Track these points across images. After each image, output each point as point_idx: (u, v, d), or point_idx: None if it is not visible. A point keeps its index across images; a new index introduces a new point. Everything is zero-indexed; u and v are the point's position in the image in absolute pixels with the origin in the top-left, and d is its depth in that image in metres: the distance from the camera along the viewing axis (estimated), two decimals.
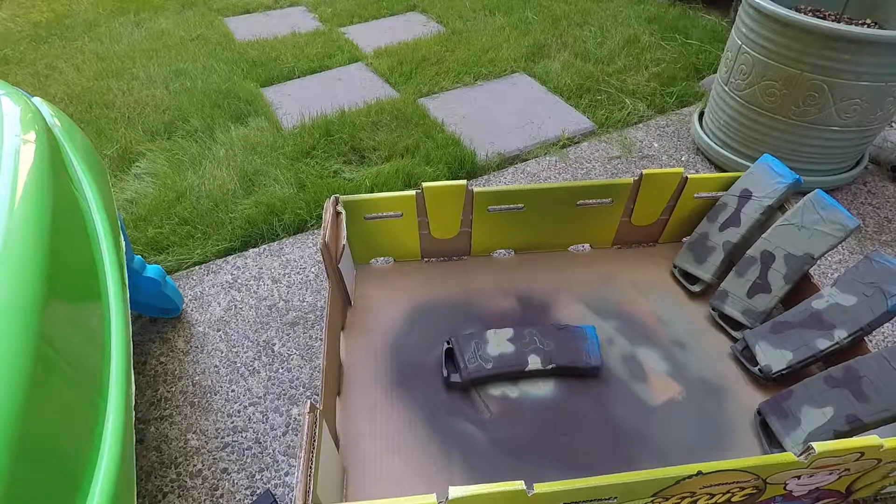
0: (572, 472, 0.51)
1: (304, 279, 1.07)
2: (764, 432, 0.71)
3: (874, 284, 0.70)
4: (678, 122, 1.53)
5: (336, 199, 0.82)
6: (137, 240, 1.16)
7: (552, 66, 1.79)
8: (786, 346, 0.73)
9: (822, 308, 0.73)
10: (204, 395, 0.87)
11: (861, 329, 0.68)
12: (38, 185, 0.55)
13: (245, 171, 1.34)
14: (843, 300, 0.72)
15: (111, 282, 0.61)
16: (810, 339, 0.72)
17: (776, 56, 1.11)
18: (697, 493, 0.55)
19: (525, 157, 1.42)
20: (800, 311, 0.75)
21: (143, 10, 2.38)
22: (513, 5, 2.23)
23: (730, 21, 2.03)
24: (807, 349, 0.72)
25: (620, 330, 0.84)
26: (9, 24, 2.30)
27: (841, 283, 0.74)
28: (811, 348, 0.71)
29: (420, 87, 1.70)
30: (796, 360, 0.72)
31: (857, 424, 0.64)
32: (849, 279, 0.73)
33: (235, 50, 1.98)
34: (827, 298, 0.74)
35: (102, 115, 1.60)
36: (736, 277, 0.84)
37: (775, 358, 0.73)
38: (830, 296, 0.74)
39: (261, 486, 0.76)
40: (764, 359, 0.74)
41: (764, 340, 0.75)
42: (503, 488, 0.48)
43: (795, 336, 0.73)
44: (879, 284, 0.69)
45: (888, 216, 1.20)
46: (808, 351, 0.71)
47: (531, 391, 0.76)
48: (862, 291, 0.71)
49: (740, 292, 0.82)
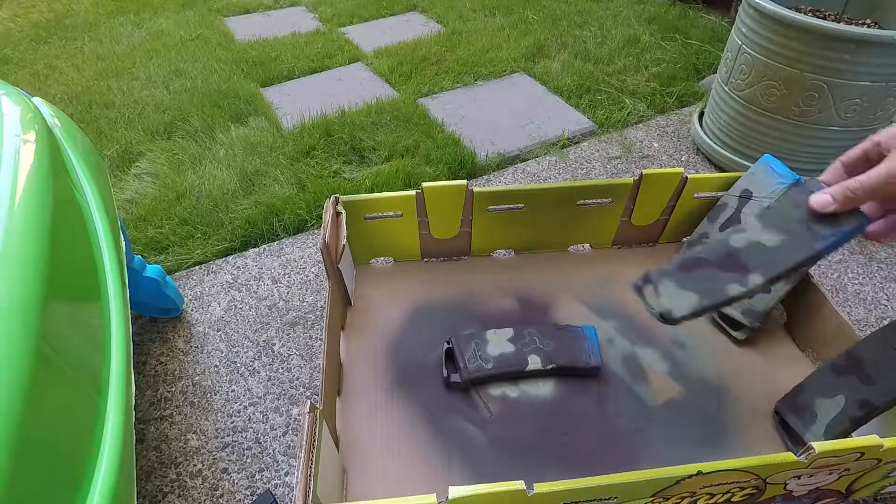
0: (572, 472, 0.51)
1: (304, 279, 1.07)
2: (785, 432, 0.71)
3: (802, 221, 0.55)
4: (678, 122, 1.53)
5: (336, 199, 0.82)
6: (137, 240, 1.16)
7: (552, 66, 1.79)
8: (694, 288, 0.59)
9: (740, 246, 0.59)
10: (204, 395, 0.87)
11: (779, 276, 0.55)
12: (38, 185, 0.55)
13: (245, 171, 1.34)
14: (765, 238, 0.58)
15: (111, 282, 0.61)
16: (722, 283, 0.58)
17: (776, 56, 1.11)
18: (697, 492, 0.55)
19: (525, 157, 1.42)
20: (717, 246, 0.61)
21: (143, 10, 2.38)
22: (513, 5, 2.23)
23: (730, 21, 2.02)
24: (715, 294, 0.58)
25: (620, 330, 0.84)
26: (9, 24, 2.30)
27: (765, 214, 0.60)
28: (721, 293, 0.57)
29: (420, 87, 1.70)
30: (702, 305, 0.58)
31: (869, 408, 0.64)
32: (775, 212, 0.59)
33: (235, 50, 1.98)
34: (748, 234, 0.59)
35: (102, 115, 1.60)
36: None
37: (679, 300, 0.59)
38: (752, 231, 0.59)
39: (261, 486, 0.76)
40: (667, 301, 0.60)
41: (670, 279, 0.61)
42: (503, 488, 0.48)
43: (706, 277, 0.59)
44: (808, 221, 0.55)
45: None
46: (716, 296, 0.58)
47: (531, 391, 0.76)
48: (787, 228, 0.56)
49: None
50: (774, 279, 0.55)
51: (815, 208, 0.50)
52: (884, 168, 0.43)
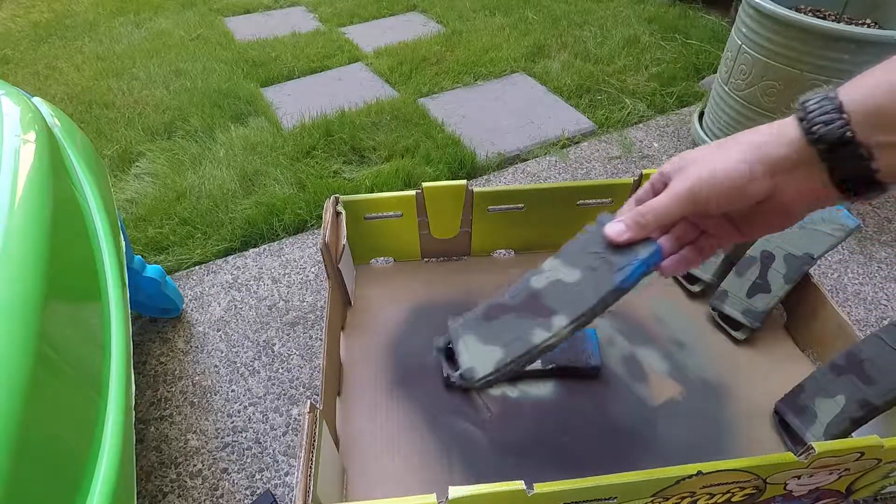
0: (572, 472, 0.51)
1: (304, 279, 1.07)
2: (785, 431, 0.71)
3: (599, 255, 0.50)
4: (678, 122, 1.53)
5: (336, 198, 0.82)
6: (137, 240, 1.16)
7: (552, 66, 1.79)
8: (498, 340, 0.53)
9: (541, 287, 0.53)
10: (204, 395, 0.87)
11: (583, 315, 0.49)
12: (38, 185, 0.55)
13: (245, 171, 1.34)
14: (565, 275, 0.52)
15: (111, 282, 0.61)
16: (526, 331, 0.51)
17: (776, 56, 1.11)
18: (698, 492, 0.55)
19: (525, 157, 1.42)
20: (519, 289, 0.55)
21: (143, 10, 2.38)
22: (513, 5, 2.23)
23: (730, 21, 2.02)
24: (520, 345, 0.51)
25: (620, 330, 0.84)
26: (9, 24, 2.30)
27: (564, 252, 0.54)
28: (526, 342, 0.51)
29: (420, 87, 1.70)
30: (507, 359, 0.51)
31: (869, 408, 0.64)
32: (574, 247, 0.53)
33: (235, 50, 1.98)
34: (548, 273, 0.54)
35: (102, 115, 1.60)
36: (736, 277, 0.84)
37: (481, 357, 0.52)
38: (552, 269, 0.54)
39: (261, 486, 0.76)
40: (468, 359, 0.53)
41: (471, 333, 0.55)
42: (503, 488, 0.48)
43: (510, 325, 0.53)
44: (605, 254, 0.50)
45: (888, 216, 1.20)
46: (521, 346, 0.51)
47: (531, 391, 0.76)
48: (587, 263, 0.51)
49: (740, 292, 0.82)
50: (580, 319, 0.49)
51: (610, 237, 0.48)
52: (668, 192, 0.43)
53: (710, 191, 0.40)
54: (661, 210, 0.43)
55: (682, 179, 0.42)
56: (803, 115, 0.36)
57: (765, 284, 0.81)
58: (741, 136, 0.40)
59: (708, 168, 0.40)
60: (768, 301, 0.80)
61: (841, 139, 0.34)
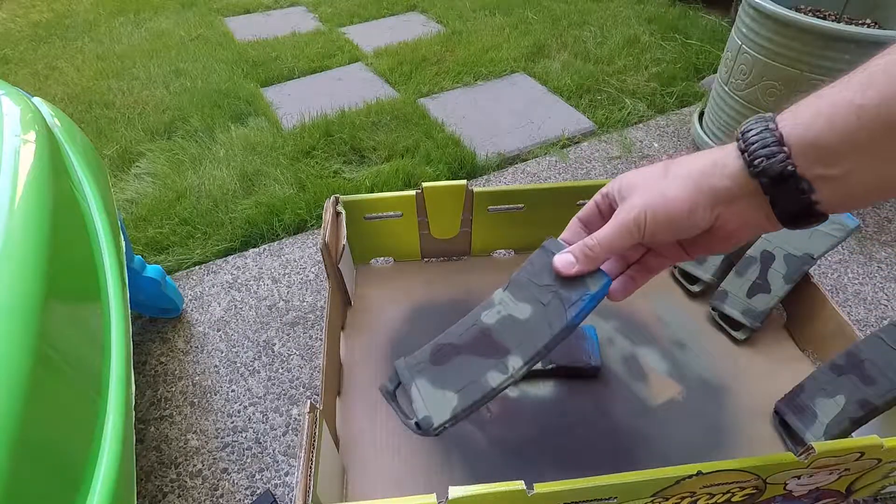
0: (572, 472, 0.51)
1: (304, 279, 1.07)
2: (785, 431, 0.71)
3: (550, 287, 0.48)
4: (678, 122, 1.53)
5: (336, 199, 0.82)
6: (137, 240, 1.16)
7: (552, 66, 1.79)
8: (451, 384, 0.49)
9: (492, 323, 0.51)
10: (204, 395, 0.87)
11: (538, 354, 0.47)
12: (38, 185, 0.55)
13: (245, 171, 1.34)
14: (517, 311, 0.50)
15: (111, 282, 0.61)
16: (481, 372, 0.49)
17: (776, 56, 1.11)
18: (698, 492, 0.55)
19: (525, 157, 1.42)
20: (467, 326, 0.52)
21: (143, 10, 2.38)
22: (513, 5, 2.23)
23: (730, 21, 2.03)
24: (475, 389, 0.48)
25: (620, 330, 0.84)
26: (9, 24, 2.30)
27: (514, 284, 0.52)
28: (481, 386, 0.48)
29: (420, 87, 1.70)
30: (463, 406, 0.48)
31: (869, 408, 0.64)
32: (523, 279, 0.51)
33: (235, 50, 1.98)
34: (498, 308, 0.51)
35: (102, 115, 1.60)
36: (736, 277, 0.84)
37: (436, 404, 0.49)
38: (503, 304, 0.51)
39: (261, 486, 0.76)
40: (422, 406, 0.49)
41: (423, 377, 0.51)
42: (503, 488, 0.48)
43: (462, 367, 0.50)
44: (555, 287, 0.48)
45: (888, 216, 1.20)
46: (476, 391, 0.48)
47: (531, 391, 0.76)
48: (538, 298, 0.49)
49: (740, 292, 0.82)
50: (535, 358, 0.47)
51: (559, 269, 0.46)
52: (614, 223, 0.42)
53: (655, 224, 0.40)
54: (607, 242, 0.43)
55: (627, 210, 0.41)
56: (744, 146, 0.36)
57: (765, 284, 0.81)
58: (684, 163, 0.40)
59: (652, 199, 0.40)
60: (768, 301, 0.80)
61: (782, 174, 0.34)
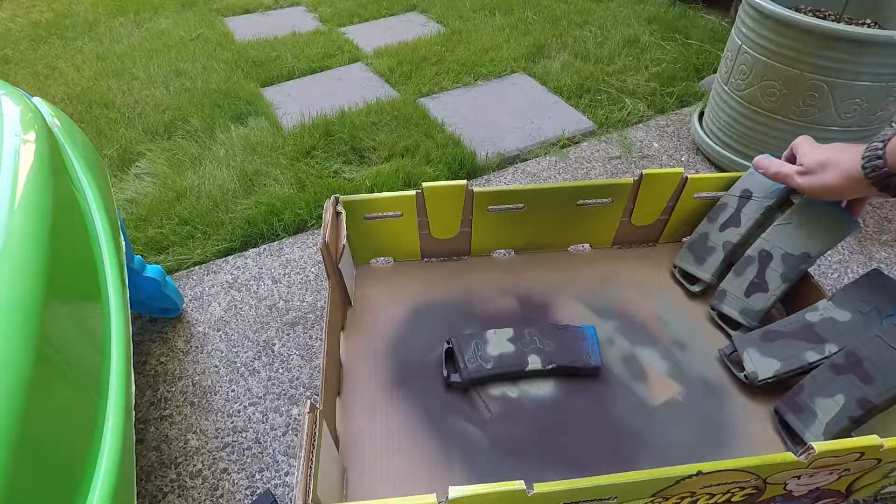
0: (572, 472, 0.51)
1: (304, 279, 1.07)
2: (785, 431, 0.71)
3: (871, 302, 0.70)
4: (678, 122, 1.53)
5: (336, 199, 0.82)
6: (137, 240, 1.16)
7: (552, 66, 1.79)
8: (775, 356, 0.72)
9: (815, 321, 0.73)
10: (204, 395, 0.87)
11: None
12: (38, 185, 0.55)
13: (245, 171, 1.34)
14: (837, 315, 0.72)
15: (111, 282, 0.61)
16: (800, 351, 0.71)
17: (776, 56, 1.11)
18: (697, 493, 0.55)
19: (525, 157, 1.42)
20: (793, 321, 0.75)
21: (143, 10, 2.38)
22: (513, 5, 2.23)
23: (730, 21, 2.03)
24: (795, 360, 0.71)
25: (620, 330, 0.84)
26: (9, 24, 2.30)
27: (838, 298, 0.74)
28: (800, 360, 0.71)
29: (420, 87, 1.71)
30: (784, 370, 0.71)
31: (868, 407, 0.64)
32: (846, 294, 0.73)
33: (235, 50, 1.98)
34: (822, 312, 0.74)
35: (102, 115, 1.60)
36: (734, 277, 0.84)
37: (763, 365, 0.72)
38: (825, 309, 0.74)
39: (261, 486, 0.76)
40: (751, 365, 0.73)
41: (753, 347, 0.74)
42: (503, 488, 0.48)
43: (786, 346, 0.73)
44: (876, 303, 0.70)
45: (888, 216, 1.20)
46: (796, 362, 0.71)
47: (531, 391, 0.76)
48: (858, 308, 0.71)
49: (738, 292, 0.82)
50: None
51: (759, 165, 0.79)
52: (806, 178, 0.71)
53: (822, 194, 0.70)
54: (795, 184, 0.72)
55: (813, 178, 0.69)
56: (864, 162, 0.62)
57: (762, 284, 0.81)
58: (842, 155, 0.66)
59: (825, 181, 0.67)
60: (766, 300, 0.80)
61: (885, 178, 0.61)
